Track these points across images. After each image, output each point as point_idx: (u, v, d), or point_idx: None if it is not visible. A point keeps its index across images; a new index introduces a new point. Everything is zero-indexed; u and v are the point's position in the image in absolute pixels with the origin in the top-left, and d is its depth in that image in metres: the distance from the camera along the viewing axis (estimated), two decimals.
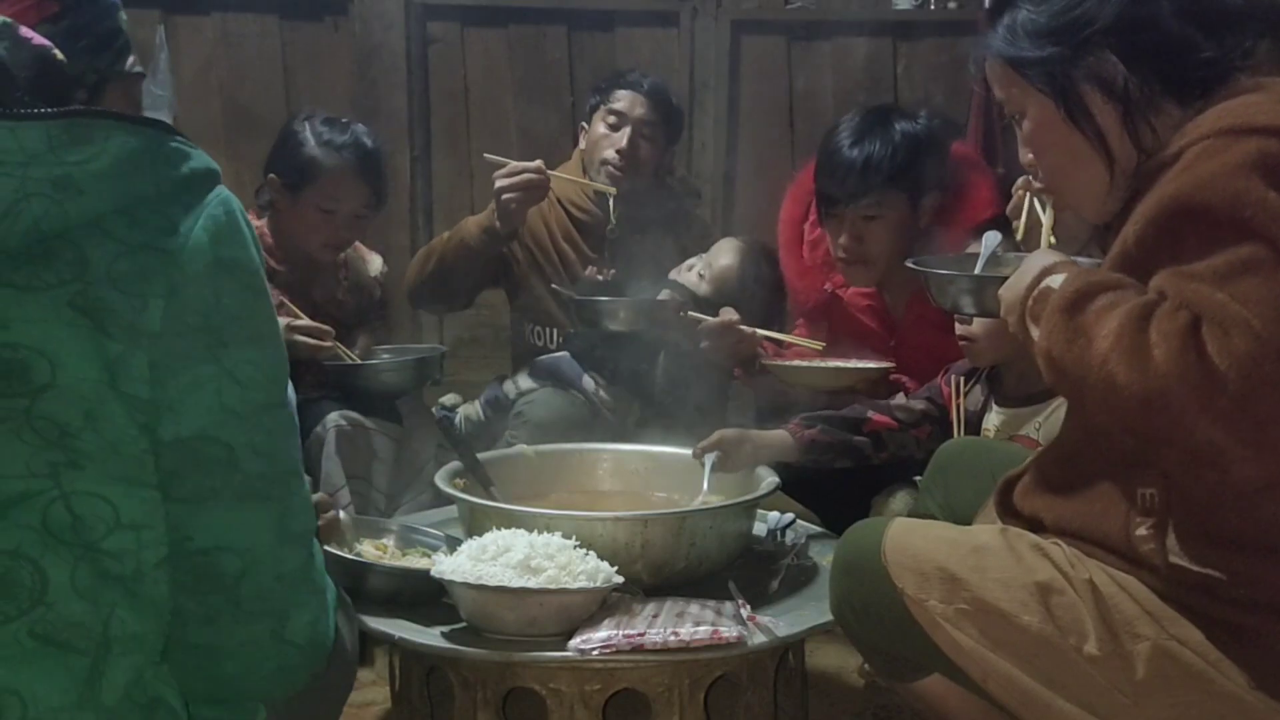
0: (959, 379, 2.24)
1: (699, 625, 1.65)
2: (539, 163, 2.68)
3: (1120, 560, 1.33)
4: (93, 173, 0.90)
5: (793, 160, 4.15)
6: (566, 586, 1.66)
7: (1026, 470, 1.51)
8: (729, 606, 1.76)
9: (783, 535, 2.12)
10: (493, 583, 1.65)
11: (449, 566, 1.71)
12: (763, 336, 2.59)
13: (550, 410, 2.68)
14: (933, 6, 4.21)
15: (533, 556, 1.69)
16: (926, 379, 2.47)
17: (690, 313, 2.61)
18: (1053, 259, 1.39)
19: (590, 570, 1.70)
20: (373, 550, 1.93)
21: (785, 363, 2.56)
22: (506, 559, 1.69)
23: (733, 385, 2.84)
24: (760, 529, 2.12)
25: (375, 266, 2.83)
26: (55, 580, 0.88)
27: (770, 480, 2.06)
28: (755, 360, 2.58)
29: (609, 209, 2.85)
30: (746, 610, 1.75)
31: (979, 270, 1.74)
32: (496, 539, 1.75)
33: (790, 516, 2.18)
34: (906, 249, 2.40)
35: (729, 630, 1.65)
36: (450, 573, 1.68)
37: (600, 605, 1.71)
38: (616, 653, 1.62)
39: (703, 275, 2.81)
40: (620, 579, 1.72)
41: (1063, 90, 1.39)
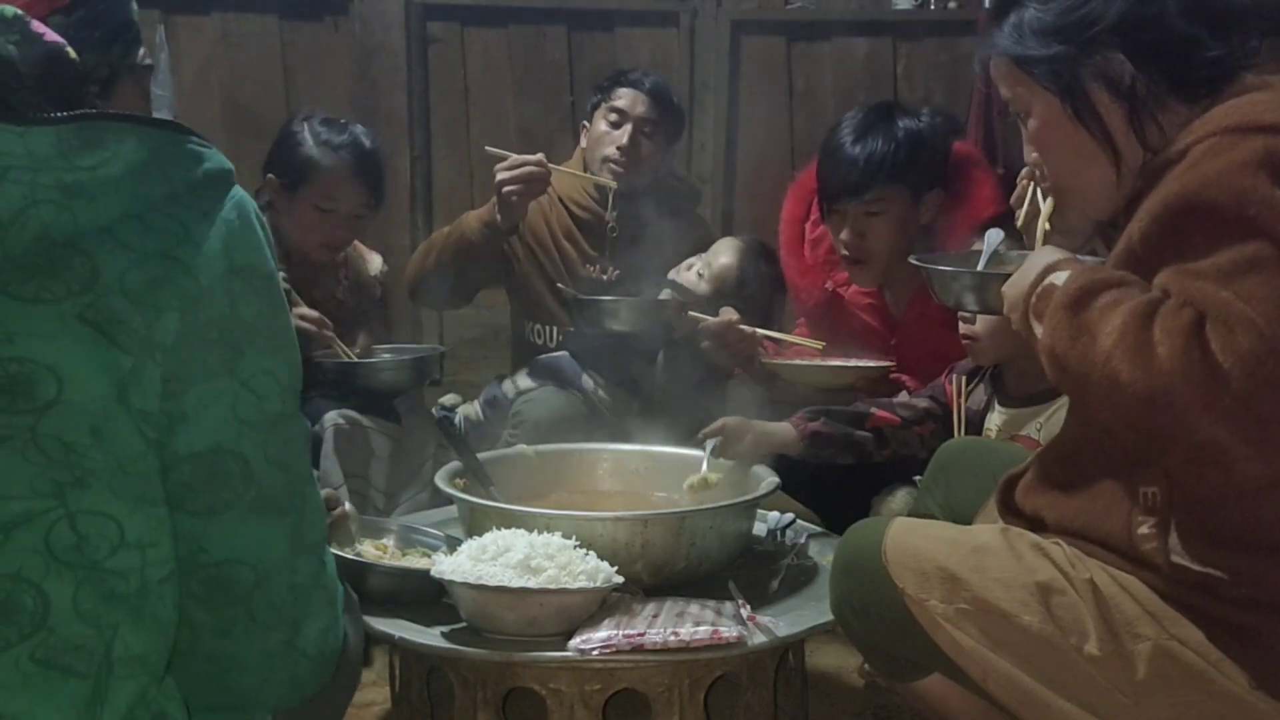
0: (961, 378, 2.24)
1: (699, 625, 1.65)
2: (540, 156, 2.68)
3: (1121, 559, 1.33)
4: (104, 178, 0.87)
5: (793, 160, 4.16)
6: (566, 586, 1.65)
7: (1028, 468, 1.51)
8: (729, 606, 1.76)
9: (783, 535, 2.12)
10: (493, 583, 1.65)
11: (449, 566, 1.71)
12: (763, 336, 2.59)
13: (549, 409, 2.67)
14: (933, 6, 4.21)
15: (533, 556, 1.68)
16: (927, 378, 2.47)
17: (691, 312, 2.61)
18: (1056, 256, 1.38)
19: (590, 570, 1.70)
20: (373, 550, 1.92)
21: (784, 361, 2.56)
22: (506, 559, 1.69)
23: (732, 385, 2.84)
24: (760, 529, 2.12)
25: (375, 266, 2.82)
26: (57, 604, 0.86)
27: (770, 480, 2.06)
28: (755, 359, 2.58)
29: (609, 204, 2.85)
30: (746, 610, 1.74)
31: (982, 267, 1.73)
32: (496, 539, 1.75)
33: (790, 516, 2.17)
34: (908, 246, 2.40)
35: (729, 630, 1.65)
36: (450, 573, 1.68)
37: (600, 605, 1.71)
38: (616, 653, 1.62)
39: (702, 275, 2.81)
40: (620, 579, 1.72)
41: (1069, 88, 1.39)
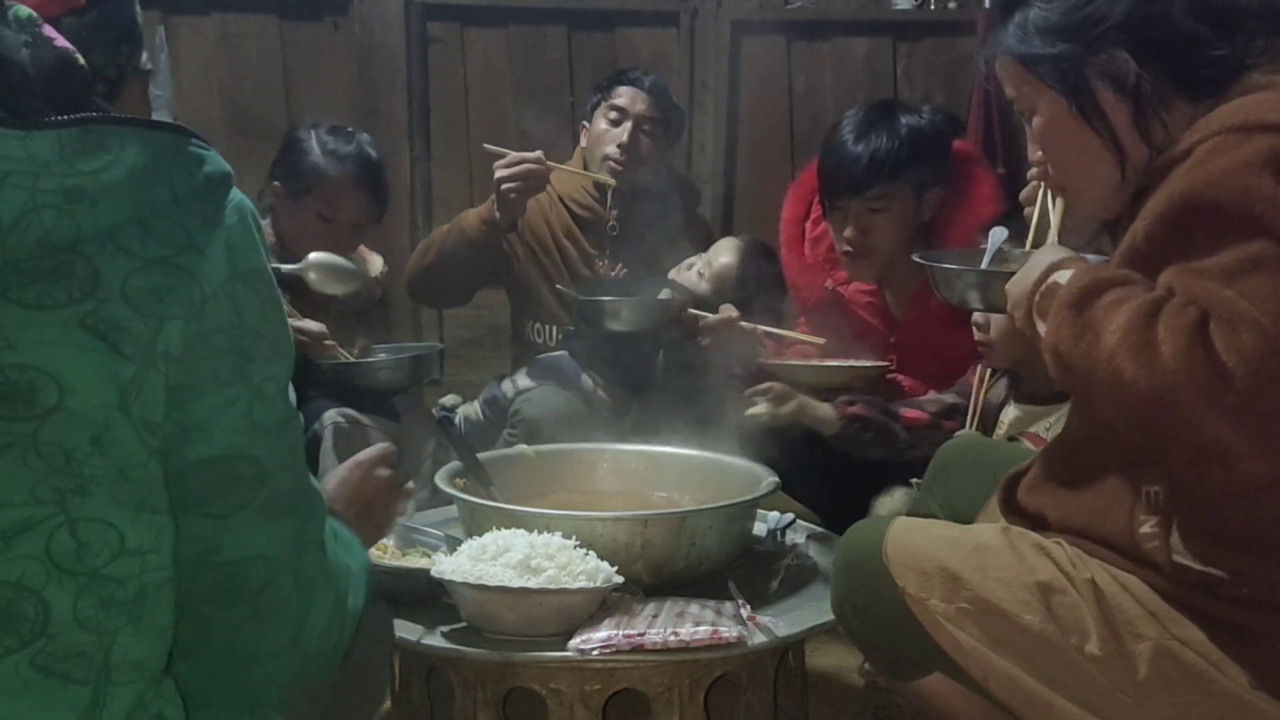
0: (985, 370, 2.24)
1: (699, 625, 1.65)
2: (539, 153, 2.68)
3: (1123, 558, 1.33)
4: (106, 183, 0.87)
5: (793, 160, 4.15)
6: (566, 586, 1.65)
7: (1031, 466, 1.51)
8: (729, 606, 1.76)
9: (783, 535, 2.12)
10: (493, 583, 1.65)
11: (449, 566, 1.71)
12: (764, 333, 2.59)
13: (548, 409, 2.67)
14: (933, 6, 4.21)
15: (533, 556, 1.68)
16: (927, 376, 2.47)
17: (692, 310, 2.61)
18: (1060, 254, 1.38)
19: (590, 570, 1.70)
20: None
21: (781, 362, 2.56)
22: (506, 559, 1.69)
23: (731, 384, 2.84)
24: (760, 529, 2.12)
25: (375, 267, 2.83)
26: (58, 611, 0.86)
27: (770, 480, 2.06)
28: (755, 357, 2.58)
29: (609, 202, 2.85)
30: (746, 610, 1.74)
31: (985, 265, 1.73)
32: (496, 539, 1.75)
33: (790, 516, 2.17)
34: (909, 244, 2.40)
35: (729, 630, 1.65)
36: (450, 573, 1.68)
37: (600, 605, 1.71)
38: (616, 653, 1.62)
39: (702, 274, 2.81)
40: (620, 579, 1.72)
41: (1074, 87, 1.38)
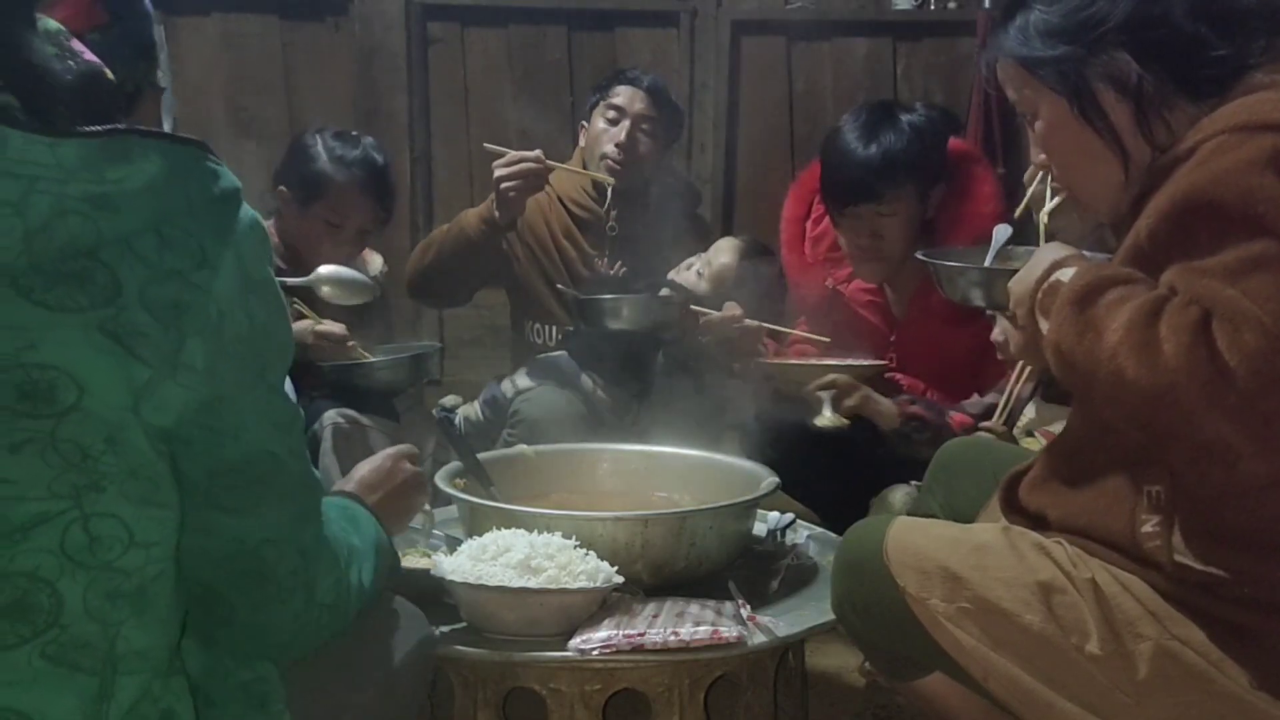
0: (1022, 364, 2.23)
1: (699, 625, 1.65)
2: (538, 152, 2.68)
3: (1124, 558, 1.33)
4: (129, 191, 0.90)
5: (793, 160, 4.16)
6: (566, 586, 1.65)
7: (1032, 465, 1.51)
8: (729, 606, 1.76)
9: (783, 535, 2.12)
10: (493, 583, 1.65)
11: (449, 566, 1.70)
12: (767, 331, 2.58)
13: (547, 408, 2.67)
14: (932, 6, 4.21)
15: (533, 556, 1.68)
16: (927, 375, 2.47)
17: (694, 306, 2.61)
18: (1063, 253, 1.38)
19: (590, 570, 1.69)
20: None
21: (779, 361, 2.56)
22: (506, 559, 1.69)
23: (732, 383, 2.84)
24: (760, 529, 2.12)
25: (375, 267, 2.83)
26: (70, 602, 0.89)
27: (770, 480, 2.06)
28: (755, 356, 2.58)
29: (608, 201, 2.85)
30: (746, 610, 1.74)
31: (988, 263, 1.73)
32: (496, 539, 1.75)
33: (790, 516, 2.17)
34: (916, 242, 2.39)
35: (729, 630, 1.65)
36: (450, 573, 1.68)
37: (600, 605, 1.71)
38: (616, 653, 1.62)
39: (701, 274, 2.81)
40: (620, 579, 1.72)
41: (1076, 89, 1.38)
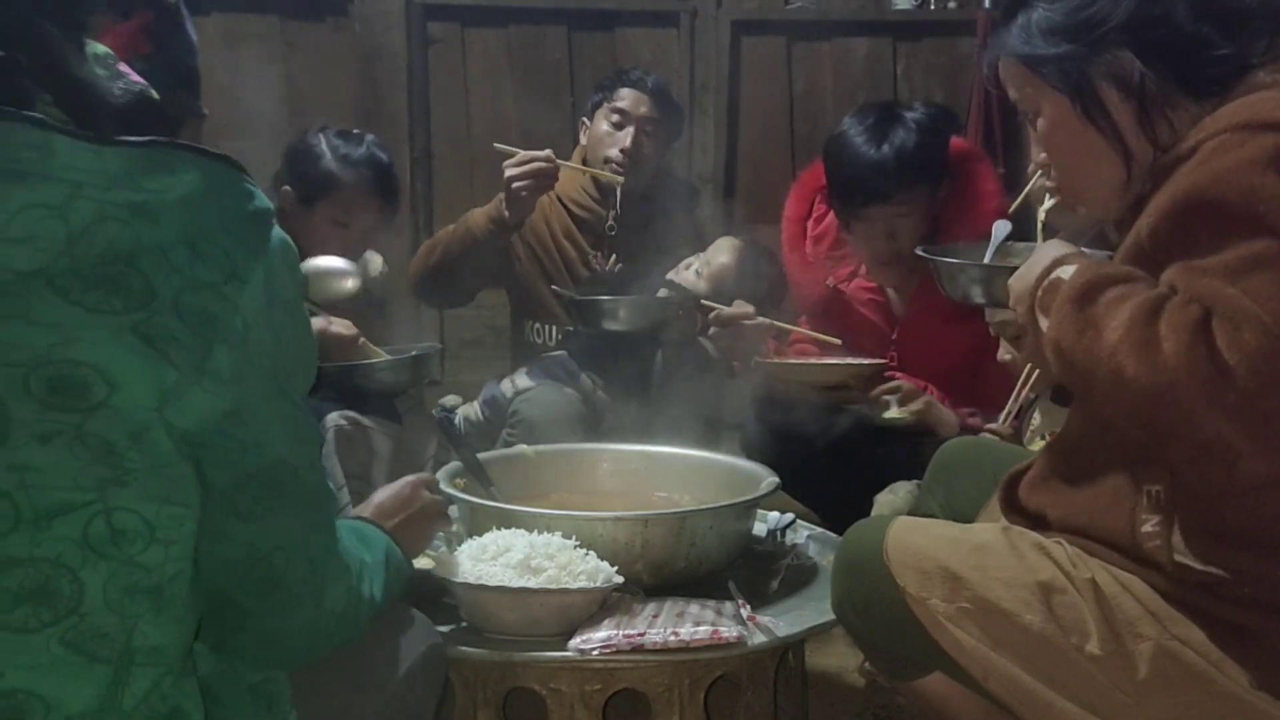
0: (1031, 367, 2.23)
1: (699, 625, 1.65)
2: (548, 152, 2.72)
3: (1124, 558, 1.33)
4: (167, 201, 0.93)
5: (793, 160, 4.16)
6: (566, 586, 1.65)
7: (1032, 464, 1.51)
8: (729, 606, 1.76)
9: (783, 535, 2.12)
10: (493, 583, 1.65)
11: (458, 562, 1.71)
12: (776, 329, 2.58)
13: (547, 408, 2.67)
14: (933, 6, 4.21)
15: (533, 556, 1.68)
16: (928, 374, 2.47)
17: (705, 300, 2.61)
18: (1064, 250, 1.38)
19: (590, 570, 1.69)
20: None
21: (779, 361, 2.56)
22: (506, 559, 1.69)
23: (731, 382, 2.84)
24: (760, 529, 2.12)
25: (375, 267, 2.82)
26: (91, 592, 0.91)
27: (770, 480, 2.06)
28: (760, 354, 2.57)
29: (615, 200, 2.87)
30: (746, 610, 1.74)
31: (988, 259, 1.73)
32: (496, 539, 1.75)
33: (790, 516, 2.17)
34: (925, 242, 2.39)
35: (729, 630, 1.65)
36: (454, 572, 1.68)
37: (600, 605, 1.71)
38: (616, 653, 1.62)
39: (700, 274, 2.82)
40: (620, 579, 1.72)
41: (1078, 88, 1.38)
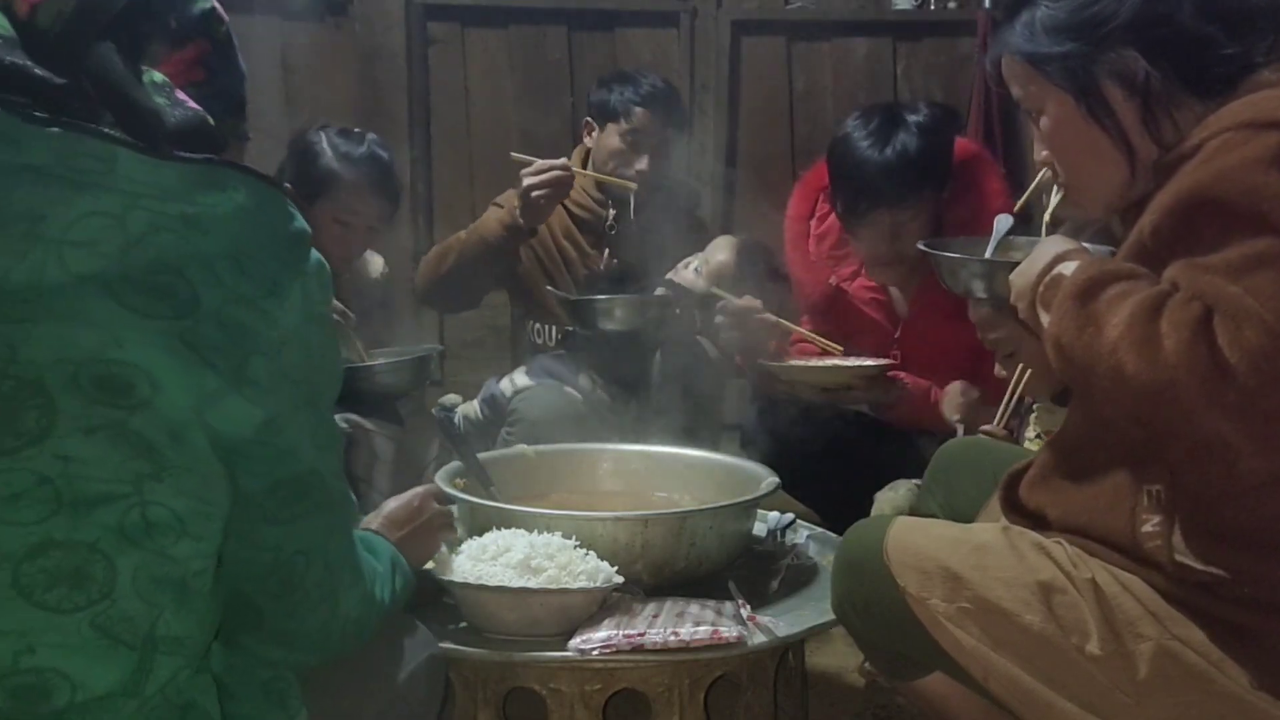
0: (1023, 366, 2.22)
1: (699, 625, 1.65)
2: (564, 160, 2.76)
3: (1124, 558, 1.33)
4: (217, 216, 0.98)
5: (793, 160, 4.16)
6: (566, 586, 1.65)
7: (1032, 463, 1.51)
8: (729, 606, 1.76)
9: (783, 535, 2.12)
10: (493, 583, 1.65)
11: (458, 560, 1.71)
12: (784, 327, 2.57)
13: (546, 408, 2.68)
14: (933, 6, 4.21)
15: (533, 556, 1.68)
16: (931, 373, 2.47)
17: (714, 289, 2.61)
18: (1066, 246, 1.38)
19: (590, 570, 1.69)
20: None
21: (783, 362, 2.55)
22: (506, 559, 1.69)
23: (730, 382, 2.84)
24: (760, 529, 2.12)
25: (376, 268, 2.83)
26: (122, 579, 0.96)
27: (770, 480, 2.06)
28: (765, 351, 2.57)
29: (629, 209, 2.88)
30: (746, 610, 1.74)
31: (989, 254, 1.72)
32: (496, 539, 1.75)
33: (790, 516, 2.17)
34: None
35: (729, 630, 1.65)
36: (450, 572, 1.68)
37: (600, 605, 1.71)
38: (616, 653, 1.62)
39: (699, 272, 2.81)
40: (620, 579, 1.72)
41: (1082, 86, 1.38)
